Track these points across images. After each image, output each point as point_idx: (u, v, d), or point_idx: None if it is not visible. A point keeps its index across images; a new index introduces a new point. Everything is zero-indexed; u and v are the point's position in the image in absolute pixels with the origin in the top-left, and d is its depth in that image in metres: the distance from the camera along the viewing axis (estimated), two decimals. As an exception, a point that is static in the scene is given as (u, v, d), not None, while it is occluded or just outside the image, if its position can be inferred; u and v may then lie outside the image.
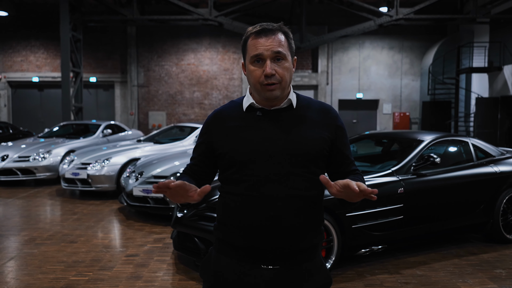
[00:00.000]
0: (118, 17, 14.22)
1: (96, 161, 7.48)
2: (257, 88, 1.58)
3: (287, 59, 1.58)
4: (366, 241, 4.11)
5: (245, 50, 1.61)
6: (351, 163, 1.71)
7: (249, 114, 1.64)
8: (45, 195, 7.90)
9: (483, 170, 4.85)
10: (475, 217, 4.74)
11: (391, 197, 4.21)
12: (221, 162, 1.64)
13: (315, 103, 1.69)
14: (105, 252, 4.67)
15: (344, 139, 1.68)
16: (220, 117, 1.68)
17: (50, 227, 5.69)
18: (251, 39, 1.59)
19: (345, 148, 1.69)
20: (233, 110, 1.67)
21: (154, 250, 4.74)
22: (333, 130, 1.65)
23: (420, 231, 4.44)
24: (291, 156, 1.57)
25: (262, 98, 1.60)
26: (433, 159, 4.38)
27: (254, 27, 1.61)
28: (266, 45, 1.56)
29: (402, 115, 18.75)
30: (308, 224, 1.62)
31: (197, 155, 1.72)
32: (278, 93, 1.58)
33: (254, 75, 1.58)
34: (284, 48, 1.58)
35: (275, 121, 1.61)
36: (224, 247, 1.65)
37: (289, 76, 1.59)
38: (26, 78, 18.57)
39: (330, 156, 1.66)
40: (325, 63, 18.57)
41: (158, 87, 18.67)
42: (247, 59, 1.60)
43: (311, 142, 1.59)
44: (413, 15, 13.94)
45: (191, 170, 1.72)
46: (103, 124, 10.74)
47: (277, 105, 1.62)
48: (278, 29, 1.60)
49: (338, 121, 1.67)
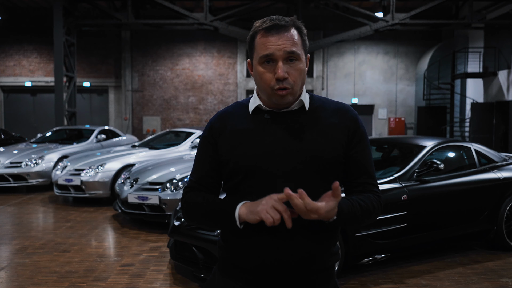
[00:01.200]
0: (112, 21, 14.09)
1: (90, 167, 7.32)
2: (267, 92, 1.40)
3: (301, 59, 1.39)
4: (369, 250, 4.00)
5: (253, 48, 1.42)
6: (366, 174, 1.46)
7: (255, 116, 1.46)
8: (38, 202, 7.73)
9: (486, 176, 4.76)
10: (479, 225, 4.64)
11: (395, 204, 4.11)
12: (224, 170, 1.47)
13: (330, 104, 1.50)
14: (99, 261, 4.52)
15: (361, 144, 1.46)
16: (224, 119, 1.50)
17: (42, 235, 5.53)
18: (260, 36, 1.39)
19: (362, 156, 1.46)
20: (238, 112, 1.50)
21: (150, 259, 4.59)
22: (350, 133, 1.45)
23: (424, 239, 4.34)
24: (303, 164, 1.39)
25: (272, 102, 1.43)
26: (437, 165, 4.28)
27: (263, 22, 1.40)
28: (278, 43, 1.36)
29: (397, 120, 18.73)
30: (323, 242, 1.43)
31: (205, 164, 1.50)
32: (290, 99, 1.41)
33: (264, 78, 1.39)
34: (298, 47, 1.38)
35: (285, 125, 1.43)
36: (229, 268, 1.48)
37: (302, 79, 1.42)
38: (19, 83, 18.36)
39: (344, 163, 1.45)
40: (321, 68, 18.53)
41: (153, 92, 18.53)
42: (255, 59, 1.41)
43: (326, 147, 1.41)
44: (408, 20, 13.94)
45: (203, 184, 1.50)
46: (97, 129, 10.58)
47: (287, 107, 1.44)
48: (291, 24, 1.40)
49: (356, 123, 1.47)
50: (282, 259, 1.39)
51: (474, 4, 14.26)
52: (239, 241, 1.42)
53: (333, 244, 1.47)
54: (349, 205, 1.37)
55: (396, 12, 14.09)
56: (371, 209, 1.42)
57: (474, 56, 15.88)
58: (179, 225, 4.10)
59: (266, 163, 1.40)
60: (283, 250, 1.39)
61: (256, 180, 1.41)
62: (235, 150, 1.44)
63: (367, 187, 1.46)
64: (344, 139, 1.44)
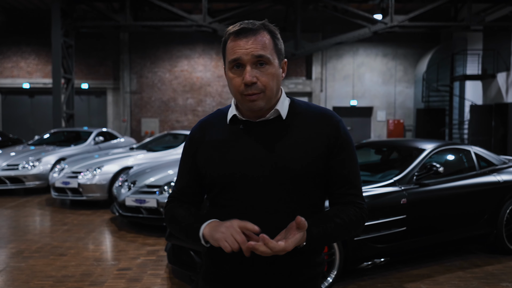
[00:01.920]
0: (110, 23, 14.05)
1: (88, 170, 7.27)
2: (238, 98, 1.36)
3: (272, 63, 1.33)
4: (368, 254, 3.96)
5: (224, 53, 1.38)
6: (348, 185, 1.39)
7: (232, 126, 1.42)
8: (34, 204, 7.67)
9: (486, 179, 4.73)
10: (479, 228, 4.61)
11: (394, 208, 4.08)
12: (204, 182, 1.45)
13: (313, 110, 1.42)
14: (96, 265, 4.47)
15: (343, 153, 1.38)
16: (204, 129, 1.47)
17: (39, 238, 5.48)
18: (230, 41, 1.35)
19: (344, 166, 1.38)
20: (218, 121, 1.46)
21: (148, 263, 4.55)
22: (331, 141, 1.37)
23: (423, 243, 4.31)
24: (279, 178, 1.33)
25: (245, 109, 1.38)
26: (436, 168, 4.26)
27: (234, 26, 1.36)
28: (246, 47, 1.31)
29: (396, 122, 18.72)
30: (303, 256, 1.36)
31: (186, 174, 1.48)
32: (262, 104, 1.34)
33: (233, 83, 1.34)
34: (268, 51, 1.33)
35: (260, 136, 1.37)
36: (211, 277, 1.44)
37: (276, 83, 1.35)
38: (17, 85, 18.30)
39: (326, 174, 1.38)
40: (319, 70, 18.52)
41: (151, 93, 18.49)
42: (226, 64, 1.37)
43: (303, 159, 1.34)
44: (407, 23, 13.94)
45: (184, 195, 1.48)
46: (95, 132, 10.54)
47: (264, 116, 1.38)
48: (261, 27, 1.35)
49: (338, 131, 1.38)
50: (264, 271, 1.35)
51: (473, 7, 14.27)
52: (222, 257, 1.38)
53: (317, 254, 1.42)
54: (320, 226, 1.31)
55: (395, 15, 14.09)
56: (348, 224, 1.35)
57: (473, 58, 15.88)
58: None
59: (241, 178, 1.36)
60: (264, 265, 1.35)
61: (232, 194, 1.37)
62: (210, 163, 1.40)
63: (350, 198, 1.40)
64: (323, 149, 1.37)
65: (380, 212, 4.00)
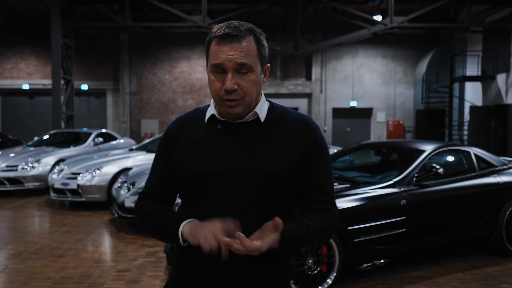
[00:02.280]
0: (110, 24, 14.05)
1: (87, 171, 7.26)
2: (216, 101, 1.37)
3: (254, 70, 1.33)
4: (368, 255, 3.95)
5: (208, 54, 1.37)
6: (321, 192, 1.39)
7: (210, 126, 1.41)
8: (34, 205, 7.66)
9: (486, 180, 4.72)
10: (479, 230, 4.60)
11: (394, 209, 4.07)
12: (177, 179, 1.43)
13: (291, 116, 1.42)
14: (95, 267, 4.46)
15: (317, 161, 1.39)
16: (182, 125, 1.46)
17: (37, 240, 5.46)
18: (214, 44, 1.34)
19: (318, 172, 1.39)
20: (195, 119, 1.45)
21: (147, 264, 4.53)
22: (306, 148, 1.38)
23: (423, 244, 4.29)
24: (253, 181, 1.33)
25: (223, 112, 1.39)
26: (436, 169, 4.25)
27: (219, 28, 1.34)
28: (230, 54, 1.31)
29: (396, 123, 18.72)
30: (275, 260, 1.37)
31: (161, 170, 1.45)
32: (240, 110, 1.35)
33: (214, 86, 1.35)
34: (251, 58, 1.32)
35: (238, 137, 1.37)
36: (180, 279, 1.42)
37: (256, 90, 1.35)
38: (16, 86, 18.30)
39: (299, 179, 1.38)
40: (319, 71, 18.52)
41: (151, 95, 18.49)
42: (208, 66, 1.36)
43: (278, 163, 1.34)
44: (407, 24, 13.94)
45: (158, 192, 1.45)
46: (94, 133, 10.53)
47: (242, 118, 1.39)
48: (247, 33, 1.33)
49: (314, 137, 1.39)
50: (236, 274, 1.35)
51: (473, 8, 14.27)
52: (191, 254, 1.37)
53: (287, 258, 1.42)
54: (294, 230, 1.31)
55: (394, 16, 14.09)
56: (321, 230, 1.36)
57: (472, 59, 15.88)
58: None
59: (215, 179, 1.35)
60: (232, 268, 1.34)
61: (204, 194, 1.36)
62: (185, 161, 1.39)
63: (322, 205, 1.40)
64: (299, 154, 1.37)
65: (379, 213, 3.99)
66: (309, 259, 3.68)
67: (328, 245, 3.75)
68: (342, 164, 5.82)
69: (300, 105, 18.67)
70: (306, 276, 3.66)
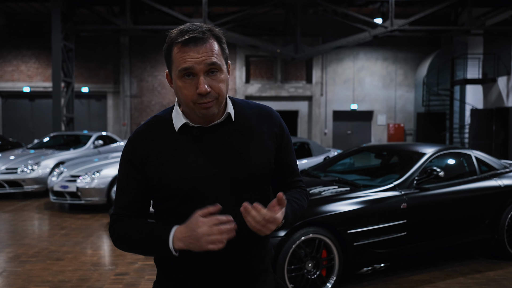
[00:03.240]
0: (110, 26, 14.06)
1: (86, 174, 7.24)
2: (189, 106, 1.32)
3: (222, 69, 1.33)
4: (368, 259, 3.92)
5: (170, 60, 1.33)
6: (294, 173, 1.54)
7: (182, 134, 1.37)
8: (33, 208, 7.63)
9: (487, 184, 4.69)
10: (480, 233, 4.57)
11: (394, 212, 4.04)
12: (156, 194, 1.37)
13: (253, 108, 1.47)
14: (93, 270, 4.43)
15: (288, 147, 1.51)
16: (148, 138, 1.38)
17: (36, 243, 5.44)
18: (178, 49, 1.30)
19: (289, 158, 1.52)
20: (162, 130, 1.39)
21: (145, 268, 4.50)
22: (278, 138, 1.47)
23: (424, 248, 4.26)
24: (240, 179, 1.37)
25: (197, 117, 1.35)
26: (437, 172, 4.22)
27: (180, 32, 1.31)
28: (198, 56, 1.29)
29: (396, 126, 18.70)
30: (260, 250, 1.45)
31: (132, 189, 1.38)
32: (216, 110, 1.34)
33: (184, 93, 1.31)
34: (218, 57, 1.32)
35: (216, 140, 1.38)
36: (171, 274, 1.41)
37: (226, 88, 1.35)
38: (17, 88, 18.31)
39: (275, 167, 1.48)
40: (320, 74, 18.51)
41: (151, 97, 18.48)
42: (174, 73, 1.32)
43: (260, 158, 1.40)
44: (407, 27, 13.93)
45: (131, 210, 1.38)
46: (94, 135, 10.51)
47: (215, 120, 1.38)
48: (209, 34, 1.32)
49: (282, 128, 1.49)
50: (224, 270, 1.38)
51: (473, 11, 14.26)
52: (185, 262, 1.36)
53: (267, 242, 1.50)
54: (290, 208, 1.41)
55: (395, 18, 14.09)
56: (304, 204, 1.51)
57: (473, 62, 15.87)
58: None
59: (204, 185, 1.34)
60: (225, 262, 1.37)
61: (194, 202, 1.33)
62: (168, 176, 1.34)
63: (296, 184, 1.55)
64: (274, 145, 1.46)
65: (380, 216, 3.96)
66: (309, 263, 3.66)
67: (327, 248, 3.72)
68: (342, 167, 5.80)
69: (300, 108, 18.65)
70: (306, 280, 3.63)
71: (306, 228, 3.63)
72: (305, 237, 3.61)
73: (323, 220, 3.71)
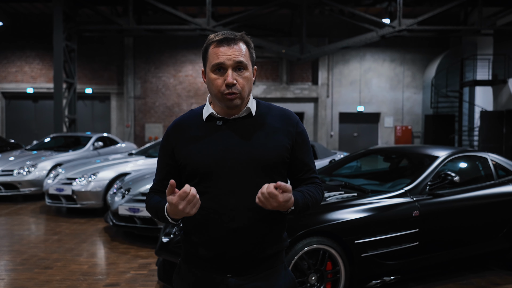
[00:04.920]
0: (113, 26, 13.85)
1: (83, 176, 6.98)
2: (218, 97, 1.59)
3: (248, 69, 1.59)
4: (377, 272, 3.61)
5: (206, 57, 1.61)
6: (310, 170, 1.70)
7: (209, 123, 1.64)
8: (28, 212, 7.38)
9: (505, 189, 4.36)
10: (497, 243, 4.24)
11: (405, 221, 3.72)
12: (183, 173, 1.65)
13: (275, 110, 1.69)
14: (82, 280, 4.15)
15: (304, 146, 1.68)
16: (180, 127, 1.67)
17: (26, 249, 5.17)
18: (213, 47, 1.59)
19: (305, 155, 1.69)
20: (193, 119, 1.67)
21: (138, 278, 4.22)
22: (293, 137, 1.65)
23: (437, 259, 3.94)
24: (252, 166, 1.57)
25: (223, 107, 1.61)
26: (452, 177, 3.89)
27: (216, 35, 1.60)
28: (228, 54, 1.56)
29: (404, 128, 18.32)
30: (272, 233, 1.62)
31: (162, 169, 1.69)
32: (239, 102, 1.59)
33: (215, 83, 1.58)
34: (245, 58, 1.58)
35: (235, 130, 1.61)
36: (191, 258, 1.66)
37: (249, 86, 1.61)
38: (21, 89, 18.16)
39: (290, 163, 1.66)
40: (326, 75, 18.19)
41: (155, 99, 18.26)
42: (208, 67, 1.59)
43: (272, 150, 1.60)
44: (416, 26, 13.59)
45: (162, 186, 1.68)
46: (94, 137, 10.27)
47: (237, 114, 1.62)
48: (240, 38, 1.60)
49: (298, 127, 1.67)
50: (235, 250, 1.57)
51: (484, 10, 13.90)
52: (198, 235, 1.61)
53: (282, 230, 1.67)
54: (302, 196, 1.58)
55: (403, 18, 13.76)
56: (318, 198, 1.67)
57: (483, 63, 15.49)
58: (168, 242, 3.74)
59: (220, 167, 1.57)
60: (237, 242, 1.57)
61: (211, 182, 1.57)
62: (191, 156, 1.60)
63: (312, 180, 1.70)
64: (289, 142, 1.64)
65: (390, 225, 3.65)
66: (312, 276, 3.35)
67: (333, 260, 3.42)
68: (349, 171, 5.49)
69: (306, 109, 18.34)
70: (309, 294, 3.32)
71: (310, 238, 3.33)
72: (308, 247, 3.31)
73: (328, 229, 3.40)
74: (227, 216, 1.55)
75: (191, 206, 1.43)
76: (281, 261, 1.68)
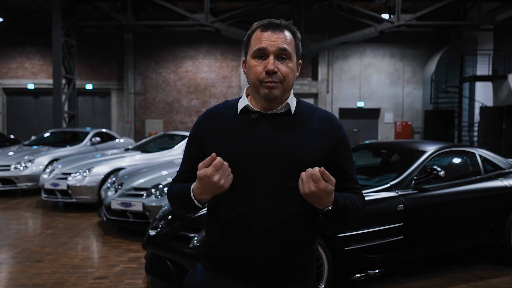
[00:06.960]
0: (112, 22, 13.88)
1: (78, 171, 7.03)
2: (255, 85, 1.45)
3: (292, 59, 1.45)
4: (361, 265, 3.64)
5: (248, 44, 1.48)
6: (351, 180, 1.54)
7: (243, 116, 1.50)
8: (24, 207, 7.45)
9: (492, 184, 4.38)
10: (484, 237, 4.26)
11: (390, 214, 3.75)
12: None
13: (317, 111, 1.54)
14: (71, 273, 4.20)
15: (345, 153, 1.53)
16: (212, 117, 1.54)
17: (19, 243, 5.23)
18: (257, 33, 1.47)
19: (346, 163, 1.53)
20: (226, 110, 1.54)
21: (127, 271, 4.27)
22: (333, 142, 1.50)
23: (422, 253, 3.97)
24: (285, 166, 1.43)
25: (260, 98, 1.47)
26: (437, 172, 3.91)
27: (261, 21, 1.48)
28: (272, 40, 1.43)
29: (404, 124, 18.30)
30: (300, 242, 1.47)
31: (188, 159, 1.56)
32: (278, 93, 1.44)
33: (254, 70, 1.44)
34: (290, 47, 1.45)
35: (270, 126, 1.47)
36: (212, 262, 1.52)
37: (293, 78, 1.46)
38: (21, 85, 18.25)
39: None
40: (325, 71, 18.17)
41: (155, 94, 18.30)
42: (249, 54, 1.47)
43: (308, 152, 1.45)
44: (415, 22, 13.54)
45: (186, 178, 1.56)
46: (92, 132, 10.32)
47: (274, 109, 1.48)
48: (287, 26, 1.47)
49: (340, 132, 1.53)
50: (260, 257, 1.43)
51: (483, 5, 13.83)
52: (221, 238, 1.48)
53: (313, 241, 1.52)
54: (342, 198, 1.43)
55: (402, 13, 13.72)
56: (359, 207, 1.50)
57: (483, 58, 15.43)
58: (155, 235, 3.78)
59: (250, 163, 1.43)
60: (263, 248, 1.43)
61: (239, 179, 1.42)
62: (221, 148, 1.46)
63: (353, 190, 1.54)
64: (328, 146, 1.48)
65: (374, 219, 3.68)
66: (295, 269, 3.38)
67: (316, 253, 3.45)
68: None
69: (306, 105, 18.33)
70: None
71: (292, 231, 3.36)
72: (291, 241, 3.34)
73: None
74: (254, 219, 1.41)
75: (226, 178, 1.33)
76: (311, 274, 1.54)
